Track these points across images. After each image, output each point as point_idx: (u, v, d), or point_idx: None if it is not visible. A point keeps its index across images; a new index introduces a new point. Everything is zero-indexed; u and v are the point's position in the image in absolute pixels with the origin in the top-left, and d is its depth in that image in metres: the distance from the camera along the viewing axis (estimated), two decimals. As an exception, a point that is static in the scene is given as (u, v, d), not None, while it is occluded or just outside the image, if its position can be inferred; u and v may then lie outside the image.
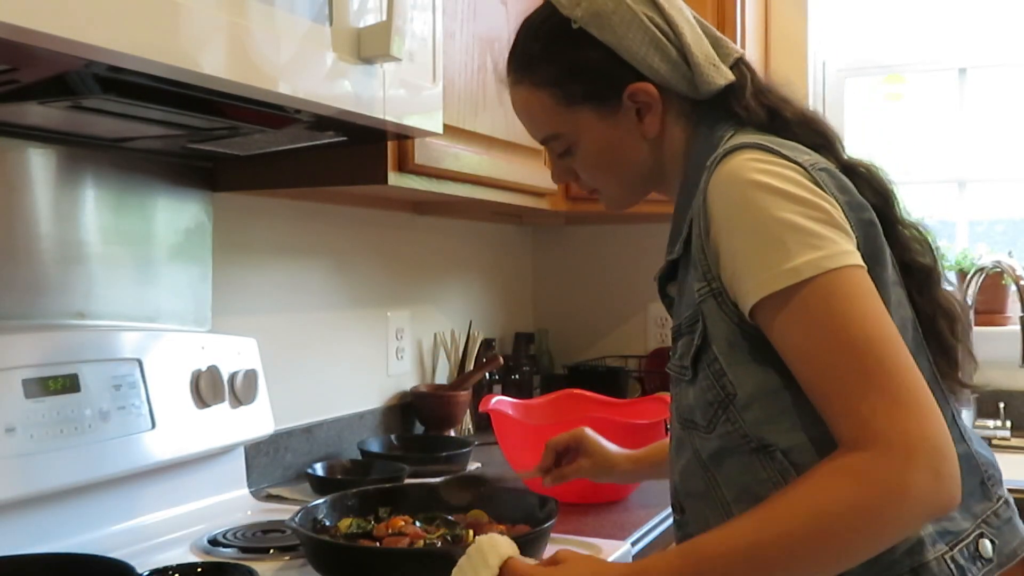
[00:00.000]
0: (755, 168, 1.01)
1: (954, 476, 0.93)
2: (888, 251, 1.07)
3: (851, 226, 1.02)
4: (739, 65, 1.17)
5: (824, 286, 0.96)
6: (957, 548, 1.04)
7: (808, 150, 1.08)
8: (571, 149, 1.20)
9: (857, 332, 0.95)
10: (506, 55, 1.24)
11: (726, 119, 1.14)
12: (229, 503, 1.67)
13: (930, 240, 1.14)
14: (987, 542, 1.06)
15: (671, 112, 1.16)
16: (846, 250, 0.98)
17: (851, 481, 0.92)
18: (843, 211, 1.02)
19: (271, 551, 1.43)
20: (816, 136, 1.12)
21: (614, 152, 1.18)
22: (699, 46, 1.14)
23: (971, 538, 1.05)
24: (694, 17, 1.18)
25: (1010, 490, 2.00)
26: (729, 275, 1.02)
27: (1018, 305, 2.44)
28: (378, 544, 1.30)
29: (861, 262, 0.99)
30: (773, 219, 0.98)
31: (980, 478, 1.10)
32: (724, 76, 1.14)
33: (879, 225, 1.06)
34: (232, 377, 1.65)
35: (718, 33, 1.19)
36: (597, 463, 1.49)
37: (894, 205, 1.11)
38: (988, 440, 2.49)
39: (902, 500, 0.91)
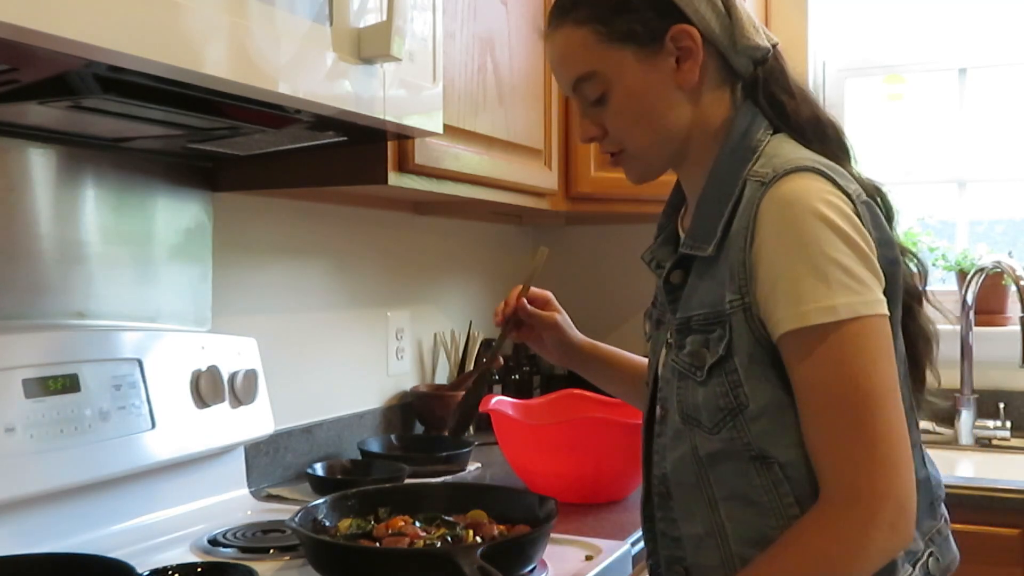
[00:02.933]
0: (819, 198, 1.03)
1: (908, 528, 1.02)
2: (901, 289, 1.11)
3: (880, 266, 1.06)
4: (775, 52, 1.18)
5: (852, 331, 1.01)
6: (918, 566, 1.11)
7: (851, 177, 1.11)
8: (604, 96, 1.16)
9: (864, 384, 1.01)
10: (507, 55, 1.24)
11: (766, 104, 1.15)
12: (229, 503, 1.67)
13: (925, 266, 1.20)
14: (934, 559, 1.13)
15: (710, 70, 1.15)
16: (878, 298, 1.03)
17: (820, 535, 1.02)
18: (875, 248, 1.05)
19: (271, 551, 1.43)
20: (840, 150, 1.15)
21: (648, 99, 1.15)
22: (742, 4, 1.16)
23: (925, 556, 1.12)
24: None
25: (1010, 490, 2.03)
26: (764, 295, 1.04)
27: (1018, 305, 2.44)
28: (378, 544, 1.30)
29: (887, 310, 1.04)
30: (823, 254, 1.01)
31: (931, 499, 1.16)
32: (763, 39, 1.15)
33: (901, 263, 1.11)
34: (232, 377, 1.65)
35: (758, 21, 1.19)
36: (564, 324, 1.49)
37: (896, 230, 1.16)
38: (988, 440, 2.50)
39: (861, 553, 1.01)
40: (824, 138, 1.15)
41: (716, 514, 1.11)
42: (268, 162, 1.67)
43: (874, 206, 1.09)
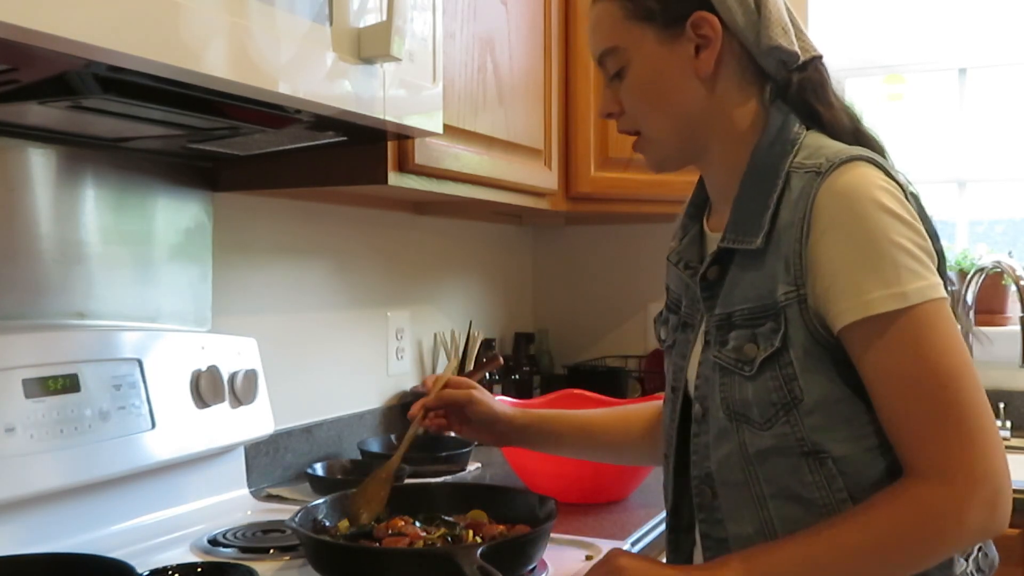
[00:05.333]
0: (877, 187, 1.04)
1: (1006, 508, 1.00)
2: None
3: None
4: (816, 63, 1.17)
5: (923, 315, 1.00)
6: (970, 560, 1.10)
7: (897, 170, 1.11)
8: (623, 71, 1.16)
9: (945, 364, 1.00)
10: (507, 55, 1.24)
11: (800, 113, 1.14)
12: (229, 503, 1.67)
13: (957, 288, 1.18)
14: (983, 554, 1.13)
15: (731, 63, 1.14)
16: (939, 282, 1.02)
17: (913, 510, 1.00)
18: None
19: (271, 551, 1.43)
20: (879, 154, 1.14)
21: (662, 82, 1.15)
22: (776, 7, 1.14)
23: (975, 551, 1.11)
24: (785, 4, 1.17)
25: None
26: (824, 287, 1.03)
27: (1018, 305, 2.44)
28: (378, 544, 1.30)
29: (946, 293, 1.03)
30: (890, 242, 1.01)
31: None
32: (792, 44, 1.13)
33: (945, 259, 1.10)
34: (232, 377, 1.65)
35: (803, 29, 1.18)
36: (482, 396, 1.42)
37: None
38: (988, 440, 2.50)
39: (958, 532, 1.00)
40: (865, 145, 1.13)
41: (765, 512, 1.08)
42: (268, 162, 1.67)
43: (919, 199, 1.10)
